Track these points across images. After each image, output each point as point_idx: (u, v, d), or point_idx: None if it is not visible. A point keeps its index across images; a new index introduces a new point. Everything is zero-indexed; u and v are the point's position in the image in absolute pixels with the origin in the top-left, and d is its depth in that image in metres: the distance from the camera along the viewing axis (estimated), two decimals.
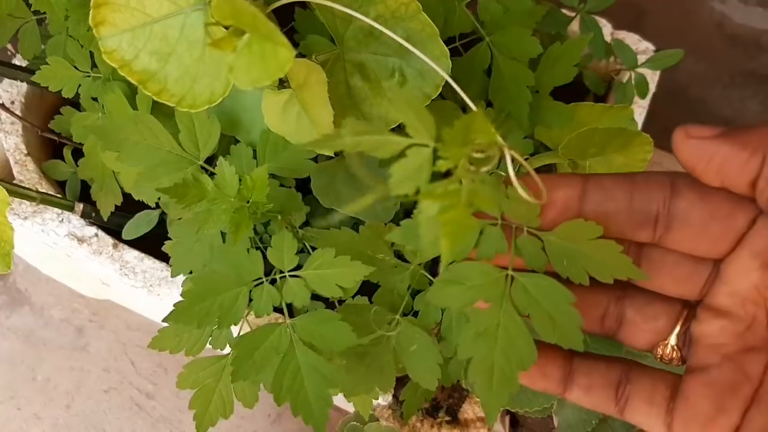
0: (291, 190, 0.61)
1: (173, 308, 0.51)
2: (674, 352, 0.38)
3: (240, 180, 0.53)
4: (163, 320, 0.52)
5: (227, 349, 0.63)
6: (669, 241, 0.36)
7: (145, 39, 0.41)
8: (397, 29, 0.51)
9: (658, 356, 0.38)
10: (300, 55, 0.50)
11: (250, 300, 0.55)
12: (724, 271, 0.35)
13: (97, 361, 1.10)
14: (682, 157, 0.34)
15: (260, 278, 0.54)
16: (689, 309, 0.38)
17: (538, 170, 0.35)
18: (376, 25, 0.44)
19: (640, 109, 0.79)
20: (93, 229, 0.72)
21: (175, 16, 0.40)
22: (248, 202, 0.53)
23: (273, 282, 0.55)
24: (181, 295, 0.52)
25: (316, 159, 0.66)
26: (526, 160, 0.61)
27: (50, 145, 0.78)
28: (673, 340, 0.38)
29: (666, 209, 0.35)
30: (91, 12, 0.40)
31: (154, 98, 0.42)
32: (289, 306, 0.55)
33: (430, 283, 0.57)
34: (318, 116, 0.48)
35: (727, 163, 0.33)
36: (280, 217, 0.60)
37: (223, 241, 0.58)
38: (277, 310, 0.55)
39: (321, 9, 0.49)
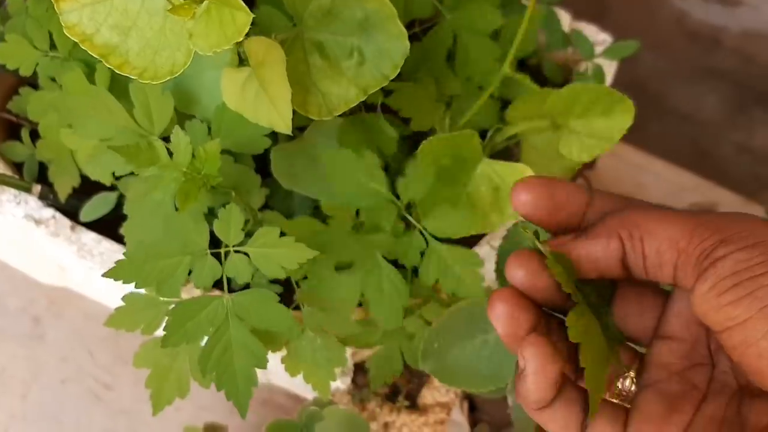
0: (245, 166, 0.61)
1: (114, 264, 0.52)
2: (633, 384, 0.39)
3: (193, 153, 0.53)
4: (103, 275, 0.52)
5: None
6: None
7: (106, 13, 0.41)
8: (356, 9, 0.52)
9: (617, 391, 0.39)
10: (259, 34, 0.51)
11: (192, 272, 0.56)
12: (672, 296, 0.37)
13: (54, 351, 1.09)
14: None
15: (204, 250, 0.54)
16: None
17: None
18: None
19: None
20: (50, 211, 0.71)
21: None
22: (200, 174, 0.54)
23: (218, 256, 0.55)
24: (124, 254, 0.52)
25: (276, 139, 0.67)
26: (498, 130, 0.62)
27: (8, 126, 0.77)
28: (633, 372, 0.39)
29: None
30: None
31: (116, 71, 0.42)
32: (231, 282, 0.56)
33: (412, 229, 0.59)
34: (277, 94, 0.48)
35: (591, 257, 0.36)
36: (233, 194, 0.60)
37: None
38: (220, 286, 0.56)
39: None
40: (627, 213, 0.36)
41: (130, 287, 0.66)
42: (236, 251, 0.55)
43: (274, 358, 0.65)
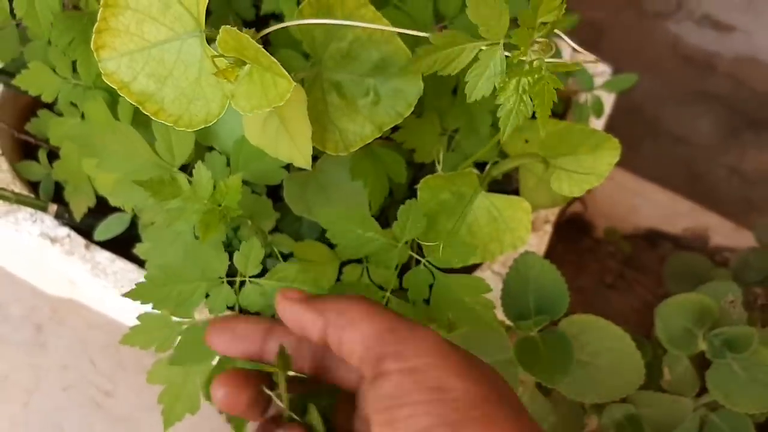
0: (262, 197, 0.63)
1: (135, 286, 0.54)
2: None
3: (214, 185, 0.55)
4: (123, 295, 0.55)
5: None
6: None
7: (143, 62, 0.43)
8: (373, 51, 0.54)
9: None
10: None
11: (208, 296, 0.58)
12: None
13: (56, 359, 1.10)
14: (283, 318, 0.43)
15: (222, 278, 0.57)
16: None
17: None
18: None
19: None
20: (65, 230, 0.73)
21: (172, 41, 0.43)
22: (220, 205, 0.56)
23: (233, 284, 0.58)
24: (145, 276, 0.54)
25: (288, 168, 0.69)
26: (495, 163, 0.65)
27: (24, 146, 0.78)
28: None
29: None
30: (93, 37, 0.42)
31: (153, 118, 0.44)
32: (245, 311, 0.59)
33: (417, 262, 0.61)
34: (297, 131, 0.50)
35: (302, 322, 0.42)
36: (250, 223, 0.62)
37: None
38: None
39: (302, 31, 0.52)
40: (343, 299, 0.41)
41: (146, 307, 0.68)
42: (251, 281, 0.57)
43: None
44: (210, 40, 0.44)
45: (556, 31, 0.40)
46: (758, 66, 1.34)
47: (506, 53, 0.38)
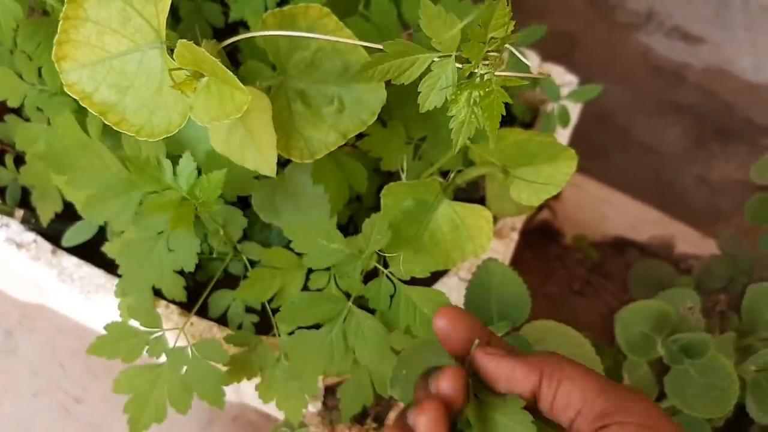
0: (234, 207, 0.64)
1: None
2: None
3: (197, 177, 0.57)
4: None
5: (163, 358, 0.65)
6: None
7: (105, 73, 0.43)
8: (337, 60, 0.55)
9: None
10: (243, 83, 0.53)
11: None
12: None
13: (26, 364, 1.09)
14: (480, 368, 0.44)
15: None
16: None
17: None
18: None
19: (562, 138, 0.85)
20: (32, 235, 0.73)
21: (133, 52, 0.43)
22: (198, 200, 0.57)
23: None
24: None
25: (257, 177, 0.70)
26: (459, 172, 0.66)
27: None
28: None
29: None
30: (54, 48, 0.43)
31: (115, 128, 0.44)
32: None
33: (381, 272, 0.62)
34: (262, 140, 0.51)
35: (512, 375, 0.43)
36: (222, 232, 0.63)
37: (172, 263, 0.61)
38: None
39: (266, 41, 0.52)
40: (554, 356, 0.43)
41: (114, 314, 0.68)
42: None
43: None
44: (171, 51, 0.44)
45: (510, 44, 0.41)
46: (726, 77, 1.36)
47: (459, 65, 0.39)
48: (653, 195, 1.19)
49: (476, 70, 0.38)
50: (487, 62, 0.39)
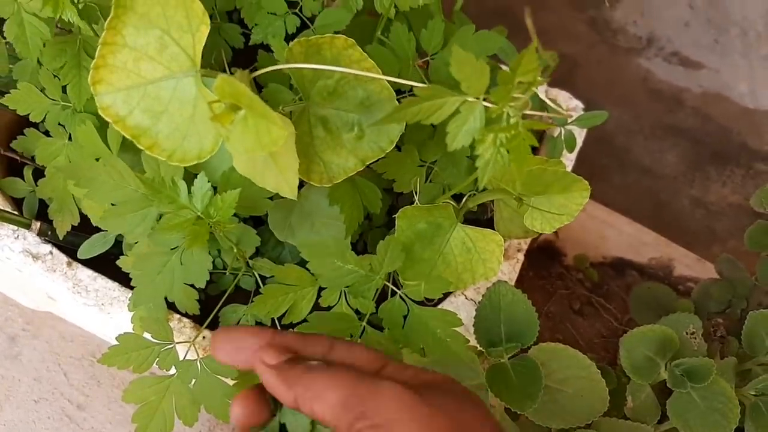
0: (247, 226, 0.65)
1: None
2: None
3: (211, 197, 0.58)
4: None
5: (172, 370, 0.67)
6: None
7: (139, 98, 0.45)
8: (359, 89, 0.56)
9: None
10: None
11: None
12: None
13: (29, 371, 1.10)
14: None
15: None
16: None
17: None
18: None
19: (568, 162, 0.87)
20: (48, 247, 0.74)
21: (168, 79, 0.44)
22: (212, 219, 0.59)
23: None
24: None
25: (271, 197, 0.71)
26: (471, 195, 0.68)
27: (7, 163, 0.79)
28: None
29: None
30: (90, 72, 0.44)
31: (147, 152, 0.45)
32: None
33: (393, 291, 0.63)
34: (285, 164, 0.52)
35: (276, 390, 0.45)
36: (235, 250, 0.64)
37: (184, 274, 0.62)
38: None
39: (292, 70, 0.54)
40: (305, 374, 0.44)
41: (127, 328, 0.69)
42: None
43: None
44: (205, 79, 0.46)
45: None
46: (724, 102, 1.39)
47: (486, 104, 0.41)
48: (651, 217, 1.21)
49: (503, 112, 0.40)
50: (513, 105, 0.40)
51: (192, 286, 0.65)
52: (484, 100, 0.41)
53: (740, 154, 1.35)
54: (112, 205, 0.58)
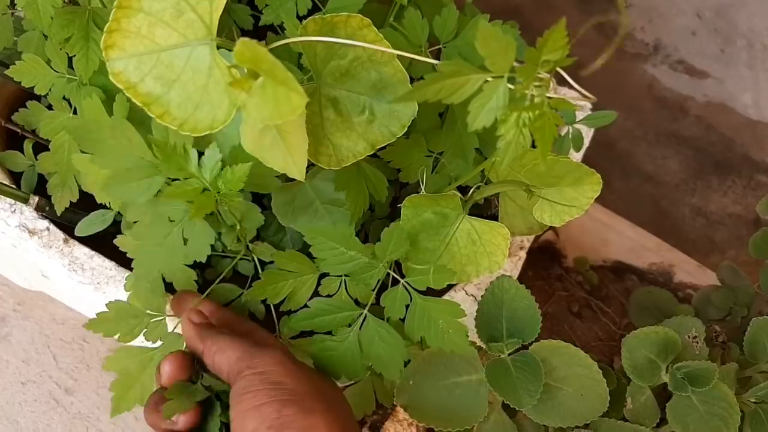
0: (251, 203, 0.64)
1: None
2: None
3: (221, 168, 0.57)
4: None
5: (158, 343, 0.65)
6: None
7: (152, 65, 0.44)
8: (372, 71, 0.56)
9: None
10: None
11: None
12: None
13: (18, 352, 1.09)
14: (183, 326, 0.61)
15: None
16: None
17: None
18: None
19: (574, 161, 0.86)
20: (45, 223, 0.73)
21: (182, 47, 0.43)
22: (219, 191, 0.58)
23: None
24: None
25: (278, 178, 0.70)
26: (478, 188, 0.67)
27: (8, 137, 0.78)
28: None
29: None
30: (103, 36, 0.43)
31: (158, 120, 0.44)
32: None
33: (395, 280, 0.63)
34: (294, 144, 0.51)
35: (191, 342, 0.60)
36: (238, 227, 0.63)
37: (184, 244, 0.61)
38: None
39: (304, 46, 0.53)
40: (212, 331, 0.59)
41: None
42: None
43: None
44: (219, 49, 0.45)
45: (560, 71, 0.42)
46: (727, 112, 1.39)
47: (510, 85, 0.40)
48: (652, 222, 1.21)
49: (527, 92, 0.39)
50: (538, 84, 0.39)
51: (191, 266, 0.64)
52: (507, 79, 0.40)
53: (742, 164, 1.35)
54: (117, 171, 0.57)
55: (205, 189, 0.58)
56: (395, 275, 0.63)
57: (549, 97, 0.40)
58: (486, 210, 0.81)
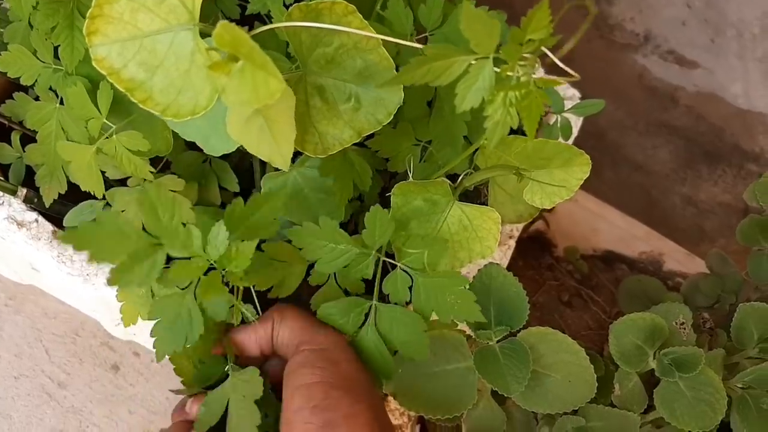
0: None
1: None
2: None
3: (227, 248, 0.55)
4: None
5: None
6: None
7: (135, 51, 0.44)
8: (357, 59, 0.56)
9: None
10: None
11: None
12: None
13: (10, 347, 1.09)
14: (236, 344, 0.61)
15: None
16: None
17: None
18: None
19: None
20: (33, 215, 0.73)
21: (165, 32, 0.44)
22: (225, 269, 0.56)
23: None
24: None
25: (264, 166, 0.70)
26: (467, 174, 0.67)
27: None
28: None
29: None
30: (86, 21, 0.43)
31: (140, 105, 0.44)
32: None
33: (393, 266, 0.63)
34: (280, 133, 0.51)
35: (257, 333, 0.61)
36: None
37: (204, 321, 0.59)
38: None
39: (289, 34, 0.53)
40: (278, 308, 0.61)
41: (110, 299, 0.68)
42: None
43: None
44: (203, 35, 0.45)
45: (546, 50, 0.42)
46: (717, 102, 1.39)
47: (495, 68, 0.40)
48: (642, 212, 1.21)
49: (512, 72, 0.40)
50: (523, 64, 0.40)
51: None
52: (493, 60, 0.40)
53: (732, 154, 1.35)
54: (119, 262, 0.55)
55: (210, 267, 0.56)
56: (391, 261, 0.63)
57: (535, 77, 0.41)
58: (476, 199, 0.82)
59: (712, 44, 1.43)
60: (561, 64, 0.42)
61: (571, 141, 0.87)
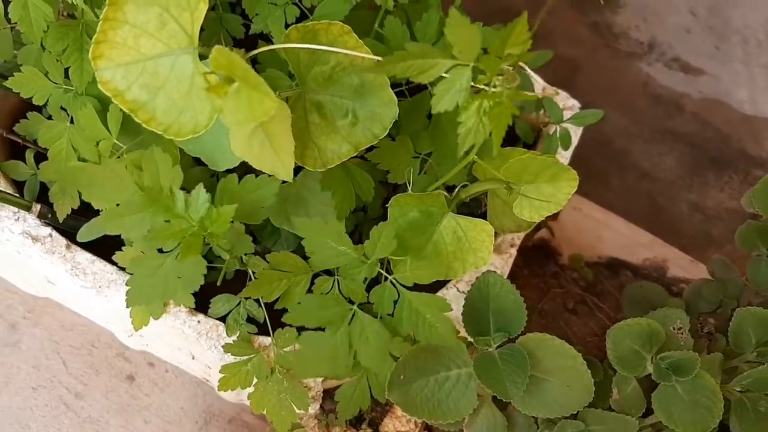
0: (243, 233, 0.66)
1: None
2: None
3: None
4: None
5: None
6: None
7: (138, 74, 0.46)
8: (354, 76, 0.58)
9: None
10: None
11: None
12: None
13: (28, 359, 1.11)
14: None
15: None
16: None
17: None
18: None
19: (563, 160, 0.88)
20: (48, 229, 0.76)
21: (167, 56, 0.46)
22: (206, 231, 0.59)
23: None
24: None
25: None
26: (464, 186, 0.69)
27: (9, 146, 0.81)
28: None
29: None
30: (91, 47, 0.45)
31: (143, 125, 0.47)
32: None
33: (385, 278, 0.65)
34: (281, 147, 0.54)
35: None
36: (229, 256, 0.65)
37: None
38: None
39: (288, 53, 0.55)
40: None
41: (123, 310, 0.70)
42: None
43: None
44: (202, 57, 0.47)
45: (523, 65, 0.44)
46: (722, 108, 1.40)
47: (473, 84, 0.42)
48: (648, 219, 1.22)
49: (490, 83, 0.41)
50: (501, 77, 0.41)
51: None
52: (473, 70, 0.42)
53: (739, 160, 1.36)
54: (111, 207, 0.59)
55: (192, 229, 0.59)
56: (385, 273, 0.65)
57: (509, 88, 0.42)
58: (476, 209, 0.83)
59: (717, 51, 1.44)
60: (533, 75, 0.44)
61: (571, 150, 0.88)
